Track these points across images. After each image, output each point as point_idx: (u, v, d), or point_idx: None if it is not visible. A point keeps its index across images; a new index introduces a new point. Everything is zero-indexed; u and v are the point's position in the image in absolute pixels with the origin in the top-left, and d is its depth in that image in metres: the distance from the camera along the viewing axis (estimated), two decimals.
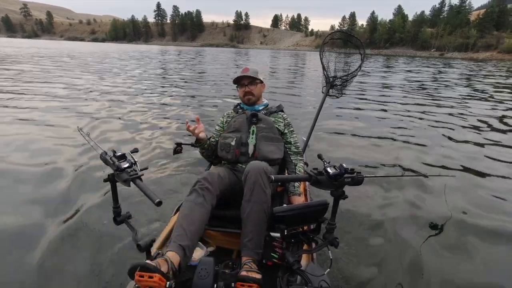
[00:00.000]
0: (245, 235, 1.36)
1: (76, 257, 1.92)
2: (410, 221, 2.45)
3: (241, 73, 1.85)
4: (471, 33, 73.66)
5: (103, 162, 1.15)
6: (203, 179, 1.47)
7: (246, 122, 1.78)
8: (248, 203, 1.39)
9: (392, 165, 3.66)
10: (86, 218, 2.34)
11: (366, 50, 2.58)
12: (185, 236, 1.25)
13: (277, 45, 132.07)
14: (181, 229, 1.27)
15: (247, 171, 1.45)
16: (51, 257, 1.91)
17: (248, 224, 1.37)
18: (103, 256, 1.92)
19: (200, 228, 1.34)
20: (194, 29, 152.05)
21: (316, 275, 1.14)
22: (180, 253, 1.18)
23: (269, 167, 1.48)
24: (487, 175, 3.40)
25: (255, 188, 1.39)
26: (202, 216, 1.36)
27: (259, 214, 1.38)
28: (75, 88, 8.54)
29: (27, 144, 3.92)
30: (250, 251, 1.32)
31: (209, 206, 1.41)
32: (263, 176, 1.41)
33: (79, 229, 2.20)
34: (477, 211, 2.62)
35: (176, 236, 1.25)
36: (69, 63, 17.44)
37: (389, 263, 1.95)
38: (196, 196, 1.40)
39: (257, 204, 1.38)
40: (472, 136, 4.95)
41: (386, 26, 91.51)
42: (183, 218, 1.32)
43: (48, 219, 2.32)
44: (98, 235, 2.13)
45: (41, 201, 2.58)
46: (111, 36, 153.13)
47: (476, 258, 2.04)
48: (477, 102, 8.36)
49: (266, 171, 1.43)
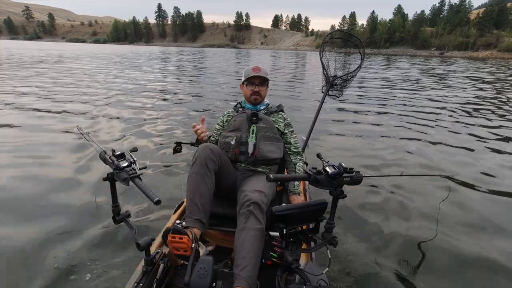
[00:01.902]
0: (237, 265, 1.21)
1: (75, 256, 1.92)
2: (409, 221, 2.46)
3: (254, 72, 1.81)
4: (471, 32, 73.76)
5: (102, 161, 1.15)
6: (204, 146, 1.50)
7: (246, 121, 1.78)
8: (242, 231, 1.30)
9: (391, 165, 3.66)
10: (85, 217, 2.34)
11: (367, 50, 2.58)
12: (198, 210, 1.36)
13: (278, 45, 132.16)
14: (192, 203, 1.38)
15: (241, 203, 1.38)
16: (50, 257, 1.91)
17: (241, 251, 1.24)
18: (102, 255, 1.92)
19: (209, 198, 1.42)
20: (195, 30, 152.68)
21: (314, 274, 1.14)
22: (198, 226, 1.33)
23: (263, 196, 1.42)
24: (487, 175, 3.41)
25: (249, 218, 1.32)
26: (208, 186, 1.43)
27: (254, 240, 1.27)
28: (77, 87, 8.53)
29: (27, 143, 3.93)
30: (244, 281, 1.15)
31: (213, 174, 1.47)
32: (256, 209, 1.34)
33: (78, 228, 2.20)
34: (477, 211, 2.62)
35: (190, 211, 1.37)
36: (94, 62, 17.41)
37: (388, 262, 1.95)
38: (200, 166, 1.44)
39: (252, 231, 1.29)
40: (472, 136, 4.96)
41: (386, 26, 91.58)
42: (192, 192, 1.40)
43: (46, 217, 2.32)
44: (97, 234, 2.13)
45: (39, 199, 2.58)
46: (112, 37, 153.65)
47: (477, 257, 2.04)
48: (478, 101, 8.36)
49: (260, 202, 1.36)
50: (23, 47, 42.37)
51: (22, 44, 65.69)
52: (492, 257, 2.04)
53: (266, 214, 1.38)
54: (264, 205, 1.39)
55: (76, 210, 2.45)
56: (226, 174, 1.59)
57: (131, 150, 1.22)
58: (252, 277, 1.19)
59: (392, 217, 2.50)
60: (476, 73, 18.66)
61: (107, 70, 14.39)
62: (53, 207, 2.47)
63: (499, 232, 2.35)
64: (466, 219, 2.50)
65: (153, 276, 1.22)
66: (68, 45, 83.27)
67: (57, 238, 2.09)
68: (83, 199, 2.60)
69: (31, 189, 2.77)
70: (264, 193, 1.44)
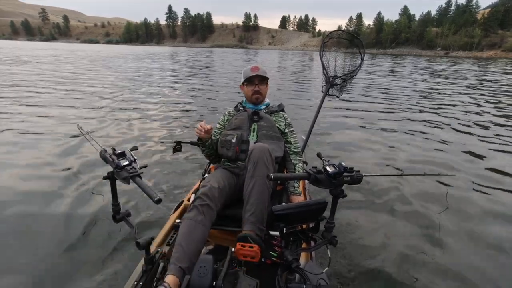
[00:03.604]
0: (247, 210, 1.36)
1: (75, 255, 1.93)
2: (409, 220, 2.44)
3: (252, 72, 1.83)
4: (475, 32, 73.43)
5: (102, 159, 1.16)
6: (203, 195, 1.41)
7: (247, 120, 1.78)
8: (251, 178, 1.41)
9: (392, 164, 3.65)
10: (85, 216, 2.35)
11: (373, 50, 2.60)
12: (184, 257, 1.24)
13: (285, 46, 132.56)
14: (180, 250, 1.25)
15: (251, 149, 1.48)
16: (50, 256, 1.92)
17: (250, 198, 1.37)
18: (102, 254, 1.93)
19: (199, 246, 1.32)
20: (204, 31, 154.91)
21: (314, 273, 1.13)
22: (179, 275, 1.18)
23: (271, 148, 1.53)
24: (487, 174, 3.38)
25: (258, 164, 1.42)
26: (201, 235, 1.33)
27: (261, 188, 1.38)
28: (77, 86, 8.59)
29: (26, 142, 3.96)
30: (253, 225, 1.30)
31: (209, 223, 1.39)
32: (266, 154, 1.45)
33: (77, 227, 2.21)
34: (478, 211, 2.61)
35: (175, 257, 1.24)
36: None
37: (388, 262, 1.95)
38: (196, 213, 1.36)
39: (260, 179, 1.39)
40: (473, 136, 4.92)
41: (392, 26, 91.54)
42: (182, 237, 1.29)
43: (46, 216, 2.34)
44: (97, 233, 2.15)
45: (39, 198, 2.59)
46: (124, 38, 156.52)
47: (478, 257, 2.02)
48: (479, 102, 8.29)
49: (270, 149, 1.47)
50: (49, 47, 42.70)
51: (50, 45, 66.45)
52: (492, 257, 2.03)
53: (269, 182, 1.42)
54: (272, 153, 1.48)
55: (75, 208, 2.45)
56: (227, 195, 1.55)
57: (131, 149, 1.22)
58: (259, 220, 1.34)
59: (392, 216, 2.49)
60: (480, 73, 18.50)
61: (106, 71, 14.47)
62: (52, 205, 2.48)
63: (500, 232, 2.33)
64: (467, 219, 2.48)
65: (153, 275, 1.22)
66: (83, 46, 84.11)
67: (56, 237, 2.10)
68: (83, 198, 2.61)
69: (30, 188, 2.78)
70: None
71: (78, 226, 2.22)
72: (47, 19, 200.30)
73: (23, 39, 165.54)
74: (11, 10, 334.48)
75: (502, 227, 2.40)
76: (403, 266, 1.91)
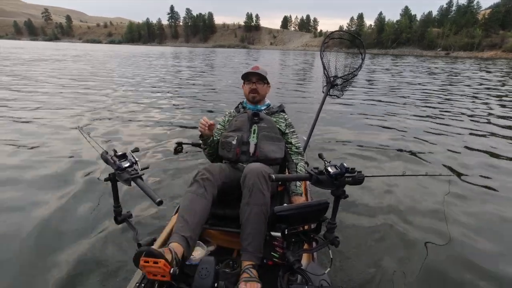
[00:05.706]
0: (244, 239, 1.32)
1: (76, 256, 1.92)
2: (411, 221, 2.43)
3: (251, 70, 1.85)
4: (476, 32, 73.44)
5: (103, 161, 1.16)
6: (204, 170, 1.46)
7: (248, 121, 1.78)
8: (247, 206, 1.36)
9: (393, 164, 3.64)
10: (86, 217, 2.35)
11: (374, 50, 2.59)
12: (187, 227, 1.25)
13: (287, 46, 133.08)
14: (182, 220, 1.27)
15: (245, 174, 1.42)
16: (51, 257, 1.92)
17: (247, 227, 1.34)
18: (104, 256, 1.92)
19: (201, 219, 1.33)
20: (206, 31, 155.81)
21: (316, 274, 1.13)
22: (183, 244, 1.19)
23: (268, 168, 1.46)
24: (489, 175, 3.36)
25: (253, 190, 1.36)
26: (203, 207, 1.35)
27: (258, 216, 1.34)
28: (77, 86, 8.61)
29: (26, 143, 3.96)
30: (250, 255, 1.29)
31: (210, 196, 1.40)
32: (261, 179, 1.38)
33: (79, 229, 2.20)
34: (479, 211, 2.60)
35: (178, 227, 1.25)
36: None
37: (390, 263, 1.94)
38: (198, 187, 1.39)
39: (256, 207, 1.35)
40: (475, 136, 4.91)
41: (393, 27, 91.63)
42: (184, 209, 1.31)
43: (47, 218, 2.33)
44: (99, 235, 2.14)
45: (40, 200, 2.58)
46: (126, 38, 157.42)
47: (478, 257, 2.01)
48: (480, 102, 8.28)
49: (264, 173, 1.40)
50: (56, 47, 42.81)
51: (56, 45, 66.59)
52: (493, 257, 2.02)
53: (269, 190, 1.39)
54: (267, 174, 1.41)
55: (77, 210, 2.45)
56: (228, 177, 1.58)
57: (132, 151, 1.22)
58: (258, 250, 1.31)
59: (394, 217, 2.48)
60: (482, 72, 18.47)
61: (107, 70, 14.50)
62: (53, 208, 2.46)
63: (501, 232, 2.32)
64: (468, 219, 2.47)
65: None
66: (85, 45, 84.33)
67: (58, 239, 2.10)
68: (84, 199, 2.60)
69: (31, 189, 2.77)
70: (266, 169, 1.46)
71: (79, 228, 2.22)
72: (50, 19, 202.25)
73: (26, 38, 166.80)
74: (14, 10, 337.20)
75: (503, 227, 2.39)
76: (406, 267, 1.90)
